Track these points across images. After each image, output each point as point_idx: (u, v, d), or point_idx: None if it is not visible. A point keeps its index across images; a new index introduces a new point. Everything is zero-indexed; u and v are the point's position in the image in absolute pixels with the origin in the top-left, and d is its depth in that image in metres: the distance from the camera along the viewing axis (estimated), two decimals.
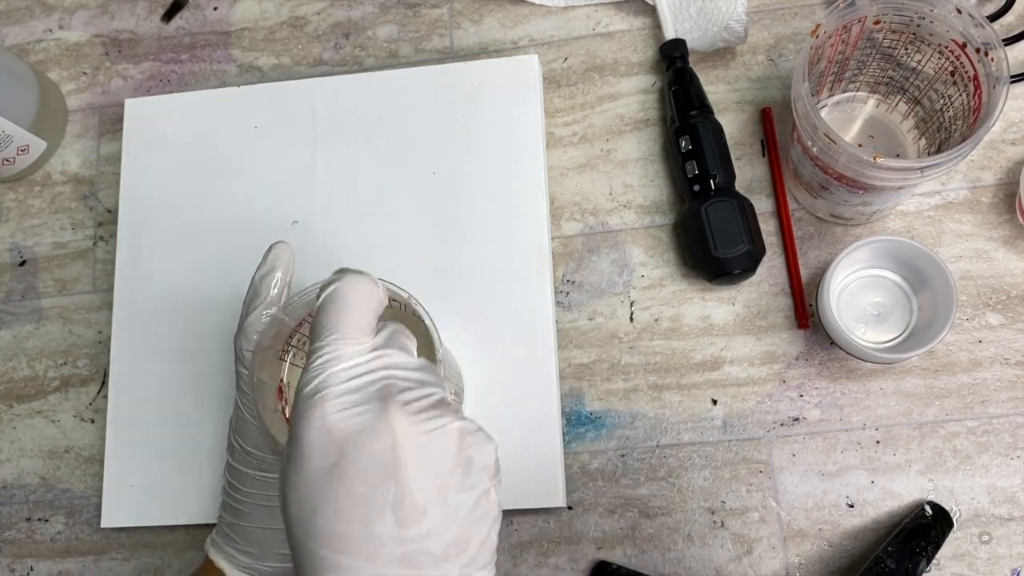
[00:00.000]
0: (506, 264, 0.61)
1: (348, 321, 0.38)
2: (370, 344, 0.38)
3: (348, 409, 0.35)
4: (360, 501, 0.34)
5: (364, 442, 0.34)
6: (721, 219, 0.58)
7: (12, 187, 0.71)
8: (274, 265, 0.50)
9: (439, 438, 0.35)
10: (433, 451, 0.35)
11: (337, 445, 0.34)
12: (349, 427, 0.34)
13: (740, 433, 0.59)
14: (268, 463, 0.50)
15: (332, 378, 0.36)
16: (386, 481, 0.34)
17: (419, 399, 0.36)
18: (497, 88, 0.64)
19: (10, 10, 0.75)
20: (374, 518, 0.33)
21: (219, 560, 0.51)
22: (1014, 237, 0.59)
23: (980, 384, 0.58)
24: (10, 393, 0.67)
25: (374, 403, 0.35)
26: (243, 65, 0.71)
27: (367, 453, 0.34)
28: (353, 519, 0.33)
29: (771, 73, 0.64)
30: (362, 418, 0.35)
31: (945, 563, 0.55)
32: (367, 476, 0.34)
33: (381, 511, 0.33)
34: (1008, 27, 0.62)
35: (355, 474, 0.34)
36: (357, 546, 0.33)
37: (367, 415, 0.35)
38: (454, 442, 0.36)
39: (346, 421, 0.35)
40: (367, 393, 0.36)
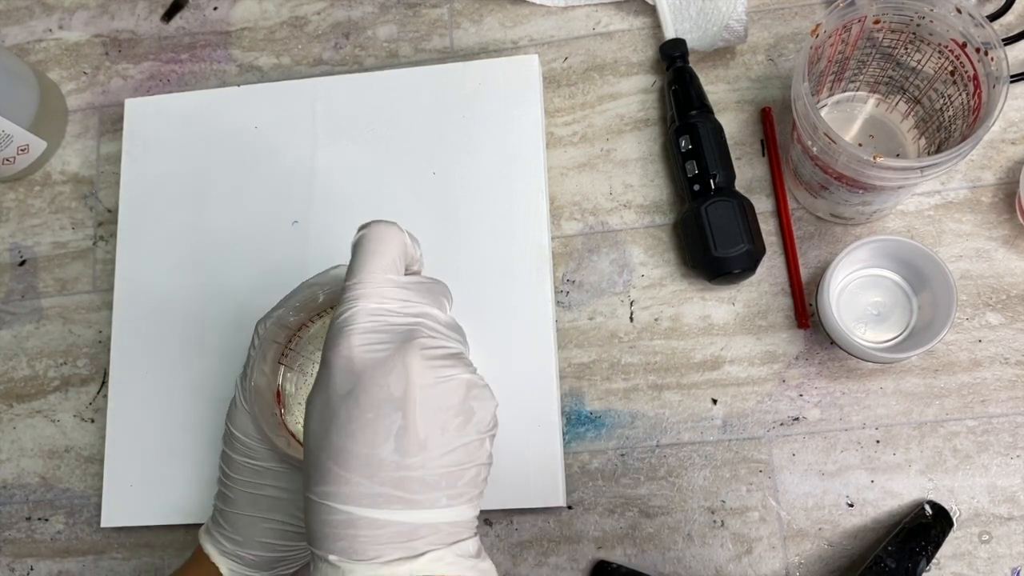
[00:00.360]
0: (506, 264, 0.61)
1: (378, 262, 0.41)
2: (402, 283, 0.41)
3: (371, 344, 0.38)
4: (368, 425, 0.37)
5: (379, 375, 0.38)
6: (721, 219, 0.58)
7: (12, 187, 0.71)
8: (331, 283, 0.52)
9: (448, 385, 0.39)
10: (440, 395, 0.38)
11: (356, 374, 0.38)
12: (369, 359, 0.38)
13: (740, 433, 0.59)
14: (256, 451, 0.51)
15: (360, 314, 0.39)
16: (393, 412, 0.37)
17: (437, 347, 0.39)
18: (497, 88, 0.64)
19: (10, 10, 0.75)
20: (378, 442, 0.37)
21: (207, 545, 0.52)
22: (1014, 237, 0.59)
23: (980, 384, 0.58)
24: (10, 393, 0.67)
25: (395, 342, 0.39)
26: (243, 65, 0.71)
27: (380, 384, 0.38)
28: (359, 440, 0.37)
29: (771, 73, 0.64)
30: (382, 354, 0.38)
31: (945, 563, 0.55)
32: (377, 405, 0.37)
33: (385, 437, 0.37)
34: (1008, 27, 0.62)
35: (367, 401, 0.37)
36: (360, 464, 0.37)
37: (387, 352, 0.38)
38: (461, 391, 0.39)
39: (368, 353, 0.38)
40: (392, 333, 0.39)
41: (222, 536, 0.52)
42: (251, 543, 0.51)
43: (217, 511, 0.53)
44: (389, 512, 0.37)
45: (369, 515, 0.37)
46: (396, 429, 0.37)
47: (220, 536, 0.52)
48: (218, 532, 0.52)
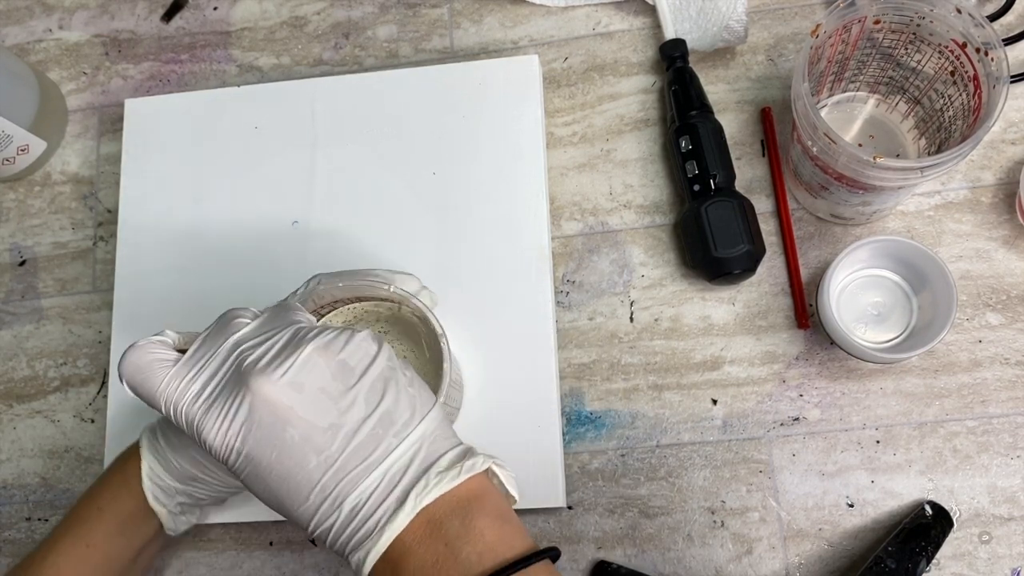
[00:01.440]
0: (506, 264, 0.61)
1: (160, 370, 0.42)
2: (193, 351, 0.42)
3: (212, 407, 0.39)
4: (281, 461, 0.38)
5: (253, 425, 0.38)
6: (721, 219, 0.58)
7: (12, 187, 0.71)
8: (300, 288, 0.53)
9: (301, 370, 0.38)
10: (304, 383, 0.38)
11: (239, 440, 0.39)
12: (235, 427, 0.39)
13: (740, 433, 0.59)
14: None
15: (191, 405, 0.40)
16: (283, 433, 0.38)
17: (266, 354, 0.39)
18: (497, 88, 0.64)
19: (10, 10, 0.75)
20: (300, 462, 0.38)
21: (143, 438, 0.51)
22: (1014, 237, 0.59)
23: (980, 384, 0.58)
24: (10, 393, 0.67)
25: (236, 388, 0.39)
26: (243, 65, 0.71)
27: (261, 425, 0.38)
28: (289, 473, 0.38)
29: (771, 73, 0.64)
30: (235, 409, 0.39)
31: (945, 563, 0.55)
32: (272, 443, 0.38)
33: (301, 453, 0.38)
34: (1008, 27, 0.62)
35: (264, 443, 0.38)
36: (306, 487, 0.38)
37: (235, 402, 0.39)
38: (319, 362, 0.39)
39: (226, 424, 0.39)
40: (226, 384, 0.39)
41: (160, 433, 0.51)
42: (183, 448, 0.50)
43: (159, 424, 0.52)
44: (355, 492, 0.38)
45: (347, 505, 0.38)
46: (298, 440, 0.38)
47: (159, 432, 0.51)
48: (159, 428, 0.51)
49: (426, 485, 0.38)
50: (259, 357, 0.39)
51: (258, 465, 0.38)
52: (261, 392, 0.38)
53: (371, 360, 0.40)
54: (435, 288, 0.61)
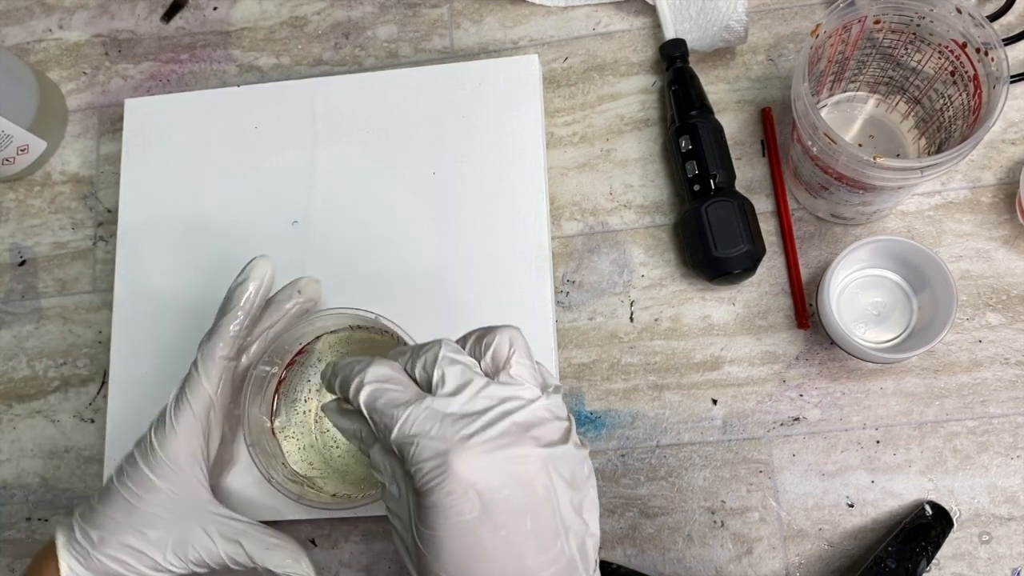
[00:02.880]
0: (506, 264, 0.61)
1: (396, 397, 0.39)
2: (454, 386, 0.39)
3: (488, 456, 0.36)
4: (507, 542, 0.36)
5: (504, 489, 0.36)
6: (721, 219, 0.58)
7: (12, 187, 0.71)
8: (248, 276, 0.52)
9: (560, 462, 0.38)
10: (555, 478, 0.38)
11: (479, 496, 0.36)
12: (491, 479, 0.36)
13: (740, 433, 0.59)
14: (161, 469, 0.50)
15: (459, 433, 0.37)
16: (524, 519, 0.37)
17: (540, 425, 0.38)
18: (497, 88, 0.64)
19: (10, 10, 0.75)
20: (521, 554, 0.37)
21: (59, 535, 0.50)
22: (1014, 237, 0.59)
23: (980, 384, 0.58)
24: (10, 393, 0.67)
25: (505, 447, 0.37)
26: (243, 65, 0.71)
27: (508, 496, 0.36)
28: (504, 559, 0.36)
29: (771, 73, 0.64)
30: (502, 466, 0.36)
31: (945, 563, 0.55)
32: (509, 518, 0.36)
33: (525, 545, 0.37)
34: (1008, 27, 0.62)
35: (499, 518, 0.36)
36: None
37: (505, 461, 0.37)
38: (566, 462, 0.38)
39: (488, 472, 0.36)
40: (495, 441, 0.37)
41: (79, 530, 0.50)
42: (105, 546, 0.49)
43: (87, 506, 0.51)
44: None
45: None
46: (532, 531, 0.37)
47: (77, 529, 0.50)
48: (77, 525, 0.50)
49: None
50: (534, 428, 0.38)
51: (477, 530, 0.36)
52: (536, 462, 0.37)
53: (588, 479, 0.40)
54: (435, 288, 0.61)
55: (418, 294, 0.61)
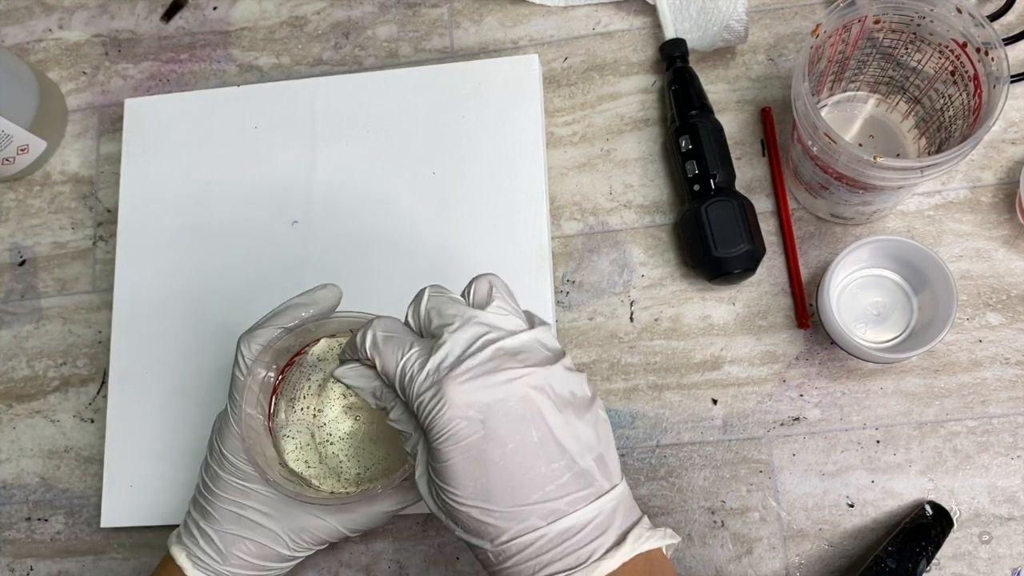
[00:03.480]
0: (506, 264, 0.61)
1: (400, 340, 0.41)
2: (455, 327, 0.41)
3: (474, 381, 0.38)
4: (515, 454, 0.38)
5: (499, 405, 0.38)
6: (721, 219, 0.58)
7: (12, 187, 0.71)
8: (317, 303, 0.52)
9: (554, 380, 0.39)
10: (548, 393, 0.39)
11: (479, 415, 0.38)
12: (483, 396, 0.38)
13: (740, 433, 0.59)
14: (246, 474, 0.50)
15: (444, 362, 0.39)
16: (528, 427, 0.38)
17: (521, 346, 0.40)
18: (497, 88, 0.64)
19: (10, 10, 0.75)
20: (531, 463, 0.38)
21: (180, 557, 0.51)
22: (1014, 237, 0.59)
23: (980, 384, 0.58)
24: (10, 393, 0.67)
25: (491, 364, 0.39)
26: (243, 65, 0.71)
27: (503, 412, 0.38)
28: (518, 471, 0.38)
29: (771, 73, 0.64)
30: (489, 384, 0.38)
31: (945, 563, 0.55)
32: (513, 430, 0.38)
33: (535, 454, 0.38)
34: (1008, 27, 0.62)
35: (504, 433, 0.38)
36: (529, 491, 0.38)
37: (492, 378, 0.38)
38: (560, 381, 0.40)
39: (477, 393, 0.38)
40: (480, 360, 0.39)
41: (198, 549, 0.51)
42: (230, 559, 0.50)
43: (192, 523, 0.52)
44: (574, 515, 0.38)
45: (562, 524, 0.38)
46: (537, 441, 0.38)
47: (196, 549, 0.51)
48: (193, 544, 0.51)
49: (640, 535, 0.39)
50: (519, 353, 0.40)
51: (485, 447, 0.38)
52: (527, 380, 0.38)
53: (593, 400, 0.41)
54: None
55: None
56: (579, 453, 0.39)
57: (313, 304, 0.52)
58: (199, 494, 0.52)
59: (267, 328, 0.50)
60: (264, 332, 0.50)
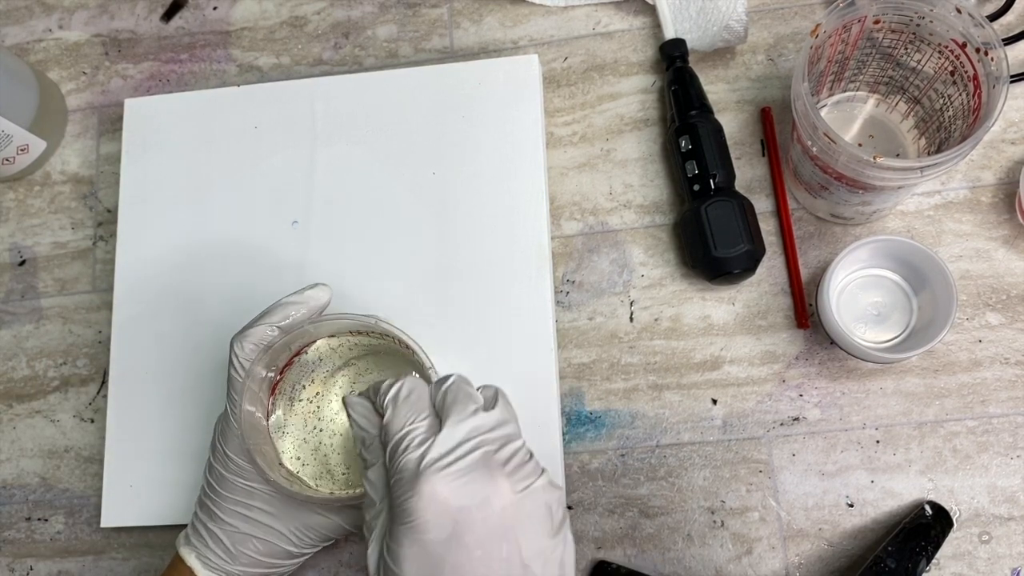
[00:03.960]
0: (506, 264, 0.61)
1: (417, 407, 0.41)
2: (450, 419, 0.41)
3: (457, 481, 0.38)
4: (480, 564, 0.38)
5: (477, 511, 0.38)
6: (721, 219, 0.58)
7: (12, 187, 0.71)
8: (307, 302, 0.52)
9: (532, 495, 0.39)
10: (529, 508, 0.39)
11: (451, 516, 0.38)
12: (461, 499, 0.38)
13: (740, 433, 0.59)
14: (247, 472, 0.51)
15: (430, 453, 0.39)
16: (499, 542, 0.38)
17: (512, 458, 0.40)
18: (497, 88, 0.64)
19: (10, 10, 0.75)
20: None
21: (189, 558, 0.51)
22: (1014, 237, 0.59)
23: (980, 384, 0.58)
24: (10, 393, 0.67)
25: (478, 471, 0.39)
26: (243, 65, 0.71)
27: (480, 520, 0.38)
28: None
29: (771, 73, 0.64)
30: (471, 488, 0.38)
31: (945, 563, 0.55)
32: (482, 541, 0.38)
33: (495, 571, 0.38)
34: (1008, 27, 0.62)
35: (472, 541, 0.38)
36: None
37: (475, 485, 0.38)
38: (541, 495, 0.40)
39: (457, 493, 0.38)
40: (469, 463, 0.39)
41: (207, 550, 0.51)
42: (239, 559, 0.51)
43: (200, 524, 0.52)
44: None
45: None
46: (505, 557, 0.38)
47: (204, 549, 0.51)
48: (201, 545, 0.51)
49: None
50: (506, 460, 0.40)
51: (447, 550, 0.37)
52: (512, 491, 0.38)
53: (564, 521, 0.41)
54: (435, 288, 0.61)
55: (418, 294, 0.61)
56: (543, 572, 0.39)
57: (304, 303, 0.52)
58: (205, 496, 0.52)
59: (258, 327, 0.51)
60: (255, 331, 0.51)
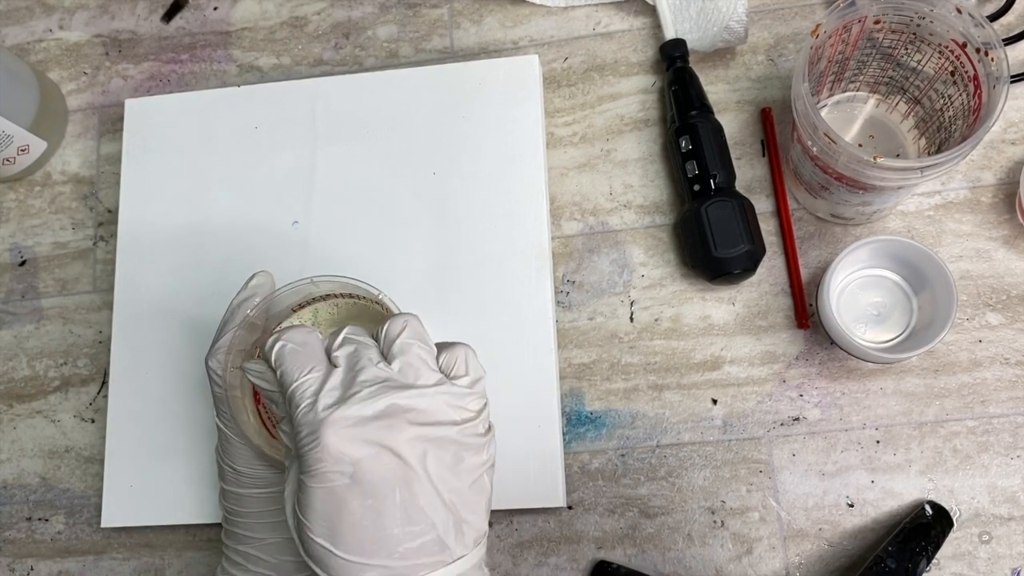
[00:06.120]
0: (506, 264, 0.61)
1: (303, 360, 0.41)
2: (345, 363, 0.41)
3: (352, 429, 0.38)
4: (373, 510, 0.38)
5: (373, 462, 0.38)
6: (721, 219, 0.58)
7: (12, 187, 0.71)
8: (254, 292, 0.52)
9: (438, 445, 0.39)
10: (435, 455, 0.39)
11: (348, 465, 0.38)
12: (356, 448, 0.38)
13: (740, 433, 0.59)
14: (264, 478, 0.51)
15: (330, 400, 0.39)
16: (393, 491, 0.38)
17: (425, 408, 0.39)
18: (497, 88, 0.64)
19: (10, 10, 0.75)
20: (387, 523, 0.38)
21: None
22: (1014, 237, 0.59)
23: (980, 384, 0.58)
24: (10, 393, 0.67)
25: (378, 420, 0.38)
26: (243, 65, 0.71)
27: (377, 468, 0.38)
28: (369, 526, 0.38)
29: (771, 73, 0.64)
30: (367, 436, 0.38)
31: (945, 563, 0.55)
32: (377, 488, 0.38)
33: (392, 515, 0.38)
34: (1008, 27, 0.62)
35: (367, 488, 0.38)
36: (377, 548, 0.38)
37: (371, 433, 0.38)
38: (450, 447, 0.40)
39: (352, 442, 0.38)
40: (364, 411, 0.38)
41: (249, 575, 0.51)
42: (283, 567, 0.50)
43: (233, 552, 0.51)
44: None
45: None
46: (399, 503, 0.38)
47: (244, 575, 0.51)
48: (243, 572, 0.51)
49: None
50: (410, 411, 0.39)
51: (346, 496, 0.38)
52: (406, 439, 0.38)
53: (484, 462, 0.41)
54: (435, 288, 0.61)
55: (418, 294, 0.61)
56: (441, 520, 0.39)
57: (253, 295, 0.52)
58: (228, 524, 0.52)
59: (224, 337, 0.51)
60: (223, 342, 0.51)
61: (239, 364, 0.51)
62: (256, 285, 0.52)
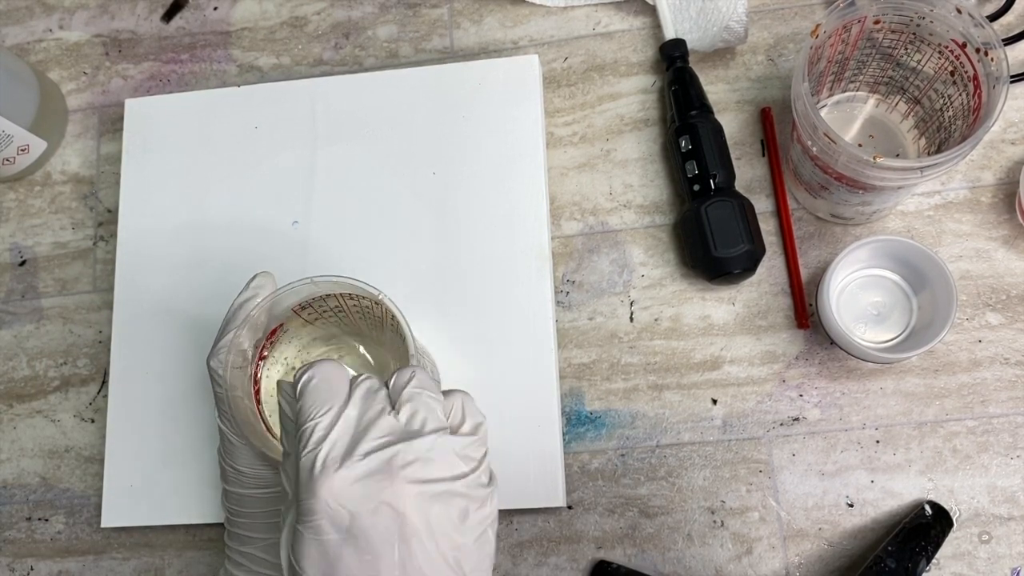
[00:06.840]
0: (506, 264, 0.61)
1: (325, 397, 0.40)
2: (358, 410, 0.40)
3: (353, 485, 0.37)
4: (371, 567, 0.37)
5: (369, 517, 0.37)
6: (721, 219, 0.58)
7: (12, 187, 0.71)
8: (256, 293, 0.52)
9: (441, 498, 0.38)
10: (436, 512, 0.38)
11: (345, 520, 0.37)
12: (355, 503, 0.37)
13: (740, 433, 0.59)
14: (266, 479, 0.50)
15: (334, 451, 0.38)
16: (390, 547, 0.37)
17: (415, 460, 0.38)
18: (497, 88, 0.64)
19: (10, 10, 0.75)
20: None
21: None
22: (1014, 237, 0.59)
23: (980, 384, 0.58)
24: (10, 393, 0.67)
25: (378, 474, 0.37)
26: (243, 65, 0.71)
27: (372, 525, 0.37)
28: None
29: (771, 73, 0.64)
30: (366, 492, 0.37)
31: (945, 563, 0.55)
32: (374, 544, 0.37)
33: (390, 573, 0.37)
34: (1008, 27, 0.62)
35: (363, 545, 0.37)
36: None
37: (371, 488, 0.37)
38: (453, 501, 0.38)
39: (351, 497, 0.37)
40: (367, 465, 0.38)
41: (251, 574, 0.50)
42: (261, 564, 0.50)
43: (236, 554, 0.51)
44: None
45: None
46: (397, 560, 0.37)
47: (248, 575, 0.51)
48: (247, 573, 0.51)
49: None
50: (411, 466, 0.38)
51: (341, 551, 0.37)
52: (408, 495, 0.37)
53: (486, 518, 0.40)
54: (435, 288, 0.61)
55: (418, 294, 0.61)
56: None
57: (255, 295, 0.52)
58: (231, 525, 0.52)
59: (226, 337, 0.51)
60: (224, 342, 0.50)
61: (239, 364, 0.51)
62: (257, 285, 0.52)
